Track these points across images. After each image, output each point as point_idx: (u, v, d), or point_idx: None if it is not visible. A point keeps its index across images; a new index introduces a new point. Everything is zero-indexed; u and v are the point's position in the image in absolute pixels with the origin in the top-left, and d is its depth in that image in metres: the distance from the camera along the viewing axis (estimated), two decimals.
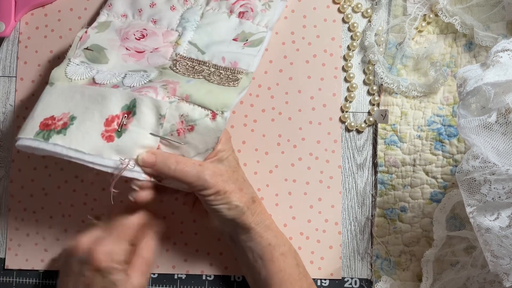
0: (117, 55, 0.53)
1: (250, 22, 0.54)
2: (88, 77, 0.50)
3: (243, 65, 0.51)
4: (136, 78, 0.49)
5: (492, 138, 0.39)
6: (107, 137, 0.45)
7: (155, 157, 0.46)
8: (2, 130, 0.59)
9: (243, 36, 0.54)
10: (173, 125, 0.46)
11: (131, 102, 0.47)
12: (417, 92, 0.54)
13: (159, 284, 0.57)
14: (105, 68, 0.51)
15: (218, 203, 0.47)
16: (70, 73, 0.50)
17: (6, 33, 0.58)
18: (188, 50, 0.53)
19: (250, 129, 0.57)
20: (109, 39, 0.53)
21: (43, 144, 0.45)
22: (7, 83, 0.59)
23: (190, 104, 0.47)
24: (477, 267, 0.49)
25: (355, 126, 0.56)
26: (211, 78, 0.50)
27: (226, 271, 0.56)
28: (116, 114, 0.46)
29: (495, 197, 0.38)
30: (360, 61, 0.57)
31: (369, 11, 0.56)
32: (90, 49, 0.53)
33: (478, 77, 0.39)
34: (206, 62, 0.52)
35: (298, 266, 0.51)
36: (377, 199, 0.55)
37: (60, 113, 0.47)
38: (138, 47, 0.53)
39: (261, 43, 0.53)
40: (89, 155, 0.45)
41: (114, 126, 0.46)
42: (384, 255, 0.55)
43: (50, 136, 0.46)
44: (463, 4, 0.54)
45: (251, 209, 0.49)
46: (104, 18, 0.55)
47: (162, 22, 0.54)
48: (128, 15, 0.55)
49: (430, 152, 0.54)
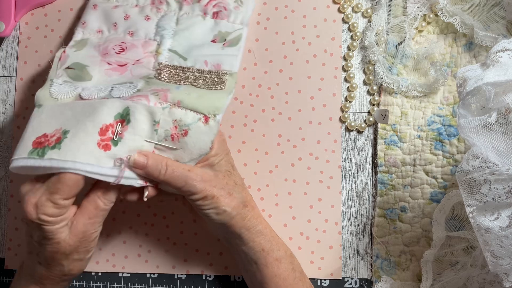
0: (99, 71, 0.52)
1: (225, 21, 0.54)
2: (74, 94, 0.49)
3: (226, 66, 0.52)
4: (124, 89, 0.49)
5: (492, 138, 0.39)
6: (103, 146, 0.45)
7: (147, 159, 0.45)
8: (2, 130, 0.59)
9: (221, 36, 0.54)
10: (167, 131, 0.46)
11: (124, 110, 0.46)
12: (417, 92, 0.54)
13: (159, 284, 0.57)
14: (90, 85, 0.50)
15: (207, 208, 0.47)
16: (55, 93, 0.49)
17: (6, 33, 0.58)
18: (170, 57, 0.53)
19: (250, 129, 0.57)
20: (89, 56, 0.53)
21: (38, 161, 0.44)
22: (7, 83, 0.59)
23: (182, 109, 0.47)
24: (477, 267, 0.49)
25: (355, 126, 0.56)
26: (197, 83, 0.50)
27: (226, 271, 0.56)
28: (109, 123, 0.46)
29: (495, 197, 0.38)
30: (360, 61, 0.57)
31: (369, 11, 0.56)
32: (71, 68, 0.51)
33: (478, 77, 0.39)
34: (190, 68, 0.52)
35: (294, 271, 0.50)
36: (377, 199, 0.55)
37: (53, 130, 0.46)
38: (120, 61, 0.52)
39: (239, 41, 0.53)
40: (87, 164, 0.44)
41: (109, 135, 0.45)
42: (384, 255, 0.55)
43: (44, 152, 0.44)
44: (463, 4, 0.54)
45: (241, 214, 0.48)
46: (80, 36, 0.55)
47: (139, 33, 0.54)
48: (104, 30, 0.55)
49: (430, 152, 0.54)
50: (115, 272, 0.57)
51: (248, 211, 0.49)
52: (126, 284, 0.57)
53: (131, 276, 0.57)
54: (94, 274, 0.58)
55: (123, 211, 0.57)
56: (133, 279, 0.57)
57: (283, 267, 0.49)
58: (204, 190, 0.46)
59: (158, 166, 0.45)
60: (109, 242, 0.57)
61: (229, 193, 0.48)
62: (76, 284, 0.58)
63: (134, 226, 0.57)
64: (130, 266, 0.57)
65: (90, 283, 0.58)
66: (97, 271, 0.57)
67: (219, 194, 0.47)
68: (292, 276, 0.50)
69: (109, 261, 0.57)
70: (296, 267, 0.51)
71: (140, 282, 0.57)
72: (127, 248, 0.57)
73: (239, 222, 0.48)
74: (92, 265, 0.57)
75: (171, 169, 0.46)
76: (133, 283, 0.57)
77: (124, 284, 0.57)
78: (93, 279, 0.57)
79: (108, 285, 0.57)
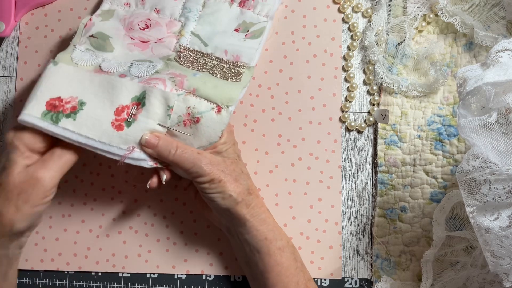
0: (122, 45, 0.53)
1: (251, 12, 0.55)
2: (94, 64, 0.51)
3: (245, 59, 0.52)
4: (143, 68, 0.50)
5: (492, 138, 0.39)
6: (117, 126, 0.47)
7: (158, 140, 0.47)
8: (2, 130, 0.59)
9: (244, 27, 0.54)
10: (180, 117, 0.48)
11: (141, 94, 0.48)
12: (417, 92, 0.54)
13: (159, 284, 0.57)
14: (110, 57, 0.52)
15: (213, 191, 0.48)
16: (76, 58, 0.51)
17: (6, 33, 0.58)
18: (191, 41, 0.53)
19: (250, 129, 0.57)
20: (113, 27, 0.54)
21: (51, 127, 0.46)
22: (7, 83, 0.59)
23: (197, 97, 0.48)
24: (477, 267, 0.49)
25: (355, 126, 0.56)
26: (215, 71, 0.51)
27: (226, 271, 0.56)
28: (126, 104, 0.48)
29: (495, 197, 0.38)
30: (360, 61, 0.57)
31: (369, 11, 0.56)
32: (95, 37, 0.53)
33: (478, 77, 0.39)
34: (209, 55, 0.53)
35: (295, 261, 0.51)
36: (377, 199, 0.55)
37: (68, 96, 0.48)
38: (143, 37, 0.54)
39: (261, 34, 0.54)
40: (99, 142, 0.46)
41: (124, 116, 0.47)
42: (384, 255, 0.55)
43: (59, 119, 0.46)
44: (463, 4, 0.54)
45: (246, 201, 0.49)
46: (107, 6, 0.56)
47: (165, 12, 0.55)
48: (131, 4, 0.56)
49: (430, 152, 0.54)
50: (115, 272, 0.57)
51: (252, 199, 0.50)
52: (126, 284, 0.57)
53: (131, 276, 0.57)
54: (94, 274, 0.58)
55: (123, 211, 0.57)
56: (133, 279, 0.57)
57: (285, 256, 0.50)
58: (211, 173, 0.47)
59: (168, 147, 0.47)
60: (109, 242, 0.57)
61: (235, 179, 0.49)
62: (76, 284, 0.58)
63: (134, 226, 0.57)
64: (130, 266, 0.57)
65: (90, 283, 0.58)
66: (97, 271, 0.57)
67: (226, 178, 0.48)
68: (294, 265, 0.50)
69: (109, 261, 0.57)
70: (298, 257, 0.52)
71: (140, 282, 0.57)
72: (127, 248, 0.57)
73: (244, 208, 0.49)
74: (92, 265, 0.57)
75: (180, 151, 0.47)
76: (133, 283, 0.57)
77: (124, 284, 0.57)
78: (93, 279, 0.57)
79: (108, 285, 0.57)
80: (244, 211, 0.49)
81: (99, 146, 0.46)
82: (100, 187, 0.58)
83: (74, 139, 0.46)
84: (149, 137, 0.47)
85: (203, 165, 0.47)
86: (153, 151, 0.47)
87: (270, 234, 0.50)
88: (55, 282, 0.58)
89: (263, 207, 0.51)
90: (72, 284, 0.58)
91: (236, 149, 0.52)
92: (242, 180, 0.49)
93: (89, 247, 0.57)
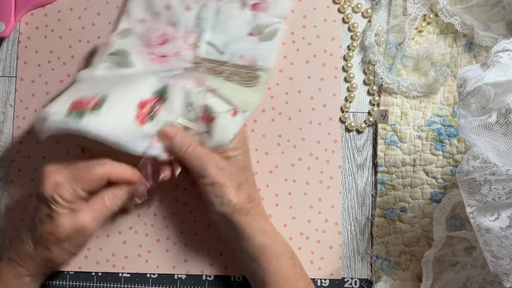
0: (142, 60, 0.54)
1: (264, 14, 0.55)
2: None
3: (261, 62, 0.53)
4: (164, 73, 0.51)
5: (492, 138, 0.39)
6: (140, 121, 0.47)
7: (176, 133, 0.48)
8: (2, 130, 0.59)
9: (258, 30, 0.54)
10: (198, 113, 0.49)
11: (163, 88, 0.49)
12: (417, 92, 0.54)
13: (159, 284, 0.57)
14: (131, 72, 0.53)
15: (213, 194, 0.48)
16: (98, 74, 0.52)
17: (6, 33, 0.58)
18: (207, 51, 0.54)
19: (250, 129, 0.57)
20: (133, 44, 0.55)
21: (76, 123, 0.45)
22: (7, 83, 0.59)
23: (216, 97, 0.49)
24: (477, 267, 0.49)
25: (355, 126, 0.56)
26: (232, 78, 0.52)
27: (226, 271, 0.56)
28: (147, 99, 0.48)
29: (495, 197, 0.38)
30: (360, 61, 0.57)
31: (369, 11, 0.56)
32: (115, 54, 0.53)
33: (478, 77, 0.39)
34: (226, 62, 0.53)
35: (294, 266, 0.50)
36: (377, 199, 0.55)
37: (92, 94, 0.47)
38: (161, 52, 0.55)
39: (275, 35, 0.54)
40: (121, 139, 0.46)
41: (146, 110, 0.48)
42: (384, 255, 0.55)
43: (83, 115, 0.45)
44: (463, 4, 0.54)
45: (245, 209, 0.49)
46: (124, 25, 0.56)
47: (180, 25, 0.55)
48: (147, 19, 0.56)
49: (430, 152, 0.54)
50: (115, 272, 0.57)
51: (252, 207, 0.50)
52: (126, 284, 0.57)
53: (131, 276, 0.57)
54: (94, 274, 0.58)
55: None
56: (133, 279, 0.57)
57: (283, 262, 0.50)
58: (215, 176, 0.48)
59: (183, 142, 0.48)
60: (109, 242, 0.57)
61: (238, 186, 0.49)
62: (76, 284, 0.58)
63: (134, 226, 0.57)
64: (130, 266, 0.57)
65: (90, 283, 0.58)
66: (97, 271, 0.57)
67: (228, 184, 0.48)
68: (293, 272, 0.50)
69: (109, 261, 0.57)
70: (297, 263, 0.51)
71: (140, 282, 0.57)
72: (127, 248, 0.57)
73: (241, 216, 0.49)
74: (92, 265, 0.57)
75: (191, 148, 0.48)
76: (133, 283, 0.57)
77: (124, 284, 0.57)
78: (93, 279, 0.57)
79: (108, 285, 0.57)
80: (241, 219, 0.49)
81: (122, 142, 0.46)
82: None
83: (98, 134, 0.45)
84: (168, 128, 0.48)
85: (208, 167, 0.48)
86: (168, 144, 0.48)
87: (267, 241, 0.49)
88: (54, 282, 0.58)
89: (262, 215, 0.51)
90: (72, 284, 0.58)
91: (247, 156, 0.51)
92: (244, 188, 0.49)
93: (89, 247, 0.57)
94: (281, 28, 0.55)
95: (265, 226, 0.50)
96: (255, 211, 0.50)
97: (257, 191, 0.52)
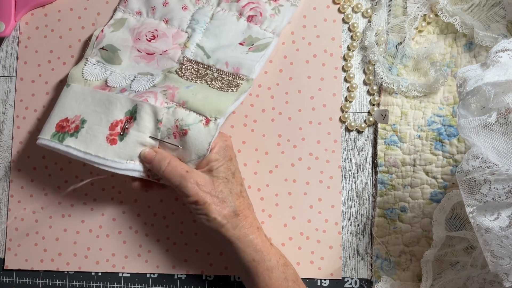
0: (129, 57, 0.55)
1: (258, 27, 0.55)
2: (102, 78, 0.54)
3: (244, 71, 0.52)
4: (143, 82, 0.52)
5: (492, 138, 0.39)
6: (111, 140, 0.49)
7: (155, 155, 0.49)
8: (2, 130, 0.59)
9: (250, 41, 0.54)
10: (169, 129, 0.49)
11: (133, 108, 0.50)
12: (417, 92, 0.54)
13: (159, 284, 0.57)
14: (118, 69, 0.55)
15: (198, 212, 0.48)
16: (87, 73, 0.54)
17: (6, 33, 0.58)
18: (195, 53, 0.54)
19: (250, 129, 0.57)
20: (122, 39, 0.56)
21: (58, 145, 0.51)
22: (7, 83, 0.59)
23: (186, 110, 0.49)
24: (477, 267, 0.49)
25: (355, 126, 0.56)
26: (213, 83, 0.52)
27: (226, 271, 0.56)
28: (120, 119, 0.50)
29: (495, 197, 0.38)
30: (360, 61, 0.57)
31: (369, 11, 0.56)
32: (105, 49, 0.55)
33: (478, 77, 0.39)
34: (210, 66, 0.53)
35: (286, 280, 0.50)
36: (377, 199, 0.55)
37: (73, 116, 0.52)
38: (149, 49, 0.55)
39: (265, 48, 0.54)
40: (96, 156, 0.49)
41: (117, 130, 0.50)
42: (384, 255, 0.55)
43: (64, 138, 0.51)
44: (463, 4, 0.54)
45: (231, 223, 0.48)
46: (120, 15, 0.57)
47: (173, 22, 0.56)
48: (143, 13, 0.57)
49: (430, 152, 0.54)
50: (115, 272, 0.57)
51: (239, 220, 0.49)
52: (126, 284, 0.57)
53: (131, 276, 0.57)
54: (94, 274, 0.58)
55: (123, 211, 0.57)
56: (133, 279, 0.57)
57: (274, 276, 0.49)
58: (196, 194, 0.47)
59: (162, 162, 0.48)
60: (109, 242, 0.57)
61: (222, 200, 0.48)
62: (76, 284, 0.58)
63: (134, 226, 0.57)
64: (130, 266, 0.57)
65: (90, 283, 0.58)
66: (97, 271, 0.57)
67: (211, 201, 0.48)
68: (284, 285, 0.49)
69: (109, 261, 0.57)
70: (289, 276, 0.50)
71: (140, 282, 0.57)
72: (127, 248, 0.57)
73: (230, 230, 0.48)
74: (92, 265, 0.57)
75: (171, 167, 0.48)
76: (133, 283, 0.57)
77: (124, 284, 0.57)
78: (93, 279, 0.57)
79: (108, 285, 0.57)
80: (229, 233, 0.48)
81: (96, 160, 0.49)
82: (100, 187, 0.58)
83: (74, 155, 0.50)
84: (147, 152, 0.49)
85: (188, 185, 0.47)
86: (148, 165, 0.49)
87: (257, 256, 0.49)
88: (55, 282, 0.58)
89: (251, 228, 0.50)
90: (72, 284, 0.58)
91: (231, 165, 0.50)
92: (229, 202, 0.49)
93: (89, 247, 0.57)
94: (272, 44, 0.55)
95: (256, 240, 0.49)
96: (243, 224, 0.49)
97: (245, 202, 0.50)
